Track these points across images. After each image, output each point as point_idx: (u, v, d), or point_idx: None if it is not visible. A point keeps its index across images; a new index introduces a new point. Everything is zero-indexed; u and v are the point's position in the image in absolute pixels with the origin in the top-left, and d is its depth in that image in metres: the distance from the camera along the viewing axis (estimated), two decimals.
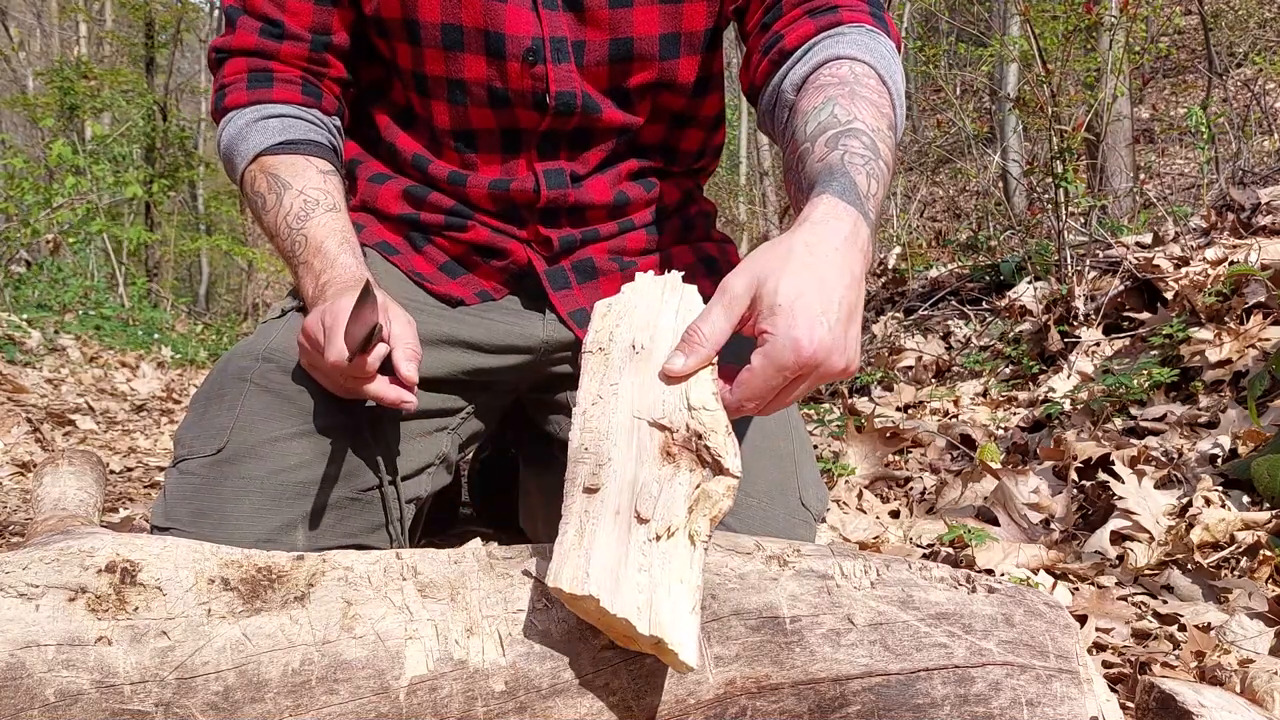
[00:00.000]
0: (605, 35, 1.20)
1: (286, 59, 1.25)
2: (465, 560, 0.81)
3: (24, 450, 3.08)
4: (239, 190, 1.27)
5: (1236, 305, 2.68)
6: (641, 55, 1.21)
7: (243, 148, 1.22)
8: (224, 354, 1.26)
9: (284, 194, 1.18)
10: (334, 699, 0.72)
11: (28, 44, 17.63)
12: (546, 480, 1.41)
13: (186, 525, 1.08)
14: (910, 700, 0.76)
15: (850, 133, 0.97)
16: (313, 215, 1.17)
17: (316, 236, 1.15)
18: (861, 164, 0.94)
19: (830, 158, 0.95)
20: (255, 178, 1.21)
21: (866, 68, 1.06)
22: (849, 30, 1.11)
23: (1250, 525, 1.67)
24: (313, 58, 1.25)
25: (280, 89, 1.25)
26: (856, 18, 1.12)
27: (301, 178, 1.19)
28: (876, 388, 3.56)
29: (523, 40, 1.18)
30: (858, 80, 1.04)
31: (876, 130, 0.98)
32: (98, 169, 8.71)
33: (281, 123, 1.23)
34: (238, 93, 1.24)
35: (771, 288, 0.83)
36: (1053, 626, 0.79)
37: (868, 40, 1.10)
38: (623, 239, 1.30)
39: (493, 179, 1.25)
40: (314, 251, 1.15)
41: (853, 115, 0.99)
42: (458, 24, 1.19)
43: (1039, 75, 3.89)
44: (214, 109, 1.28)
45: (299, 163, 1.21)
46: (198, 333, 8.94)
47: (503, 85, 1.20)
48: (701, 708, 0.76)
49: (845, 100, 1.01)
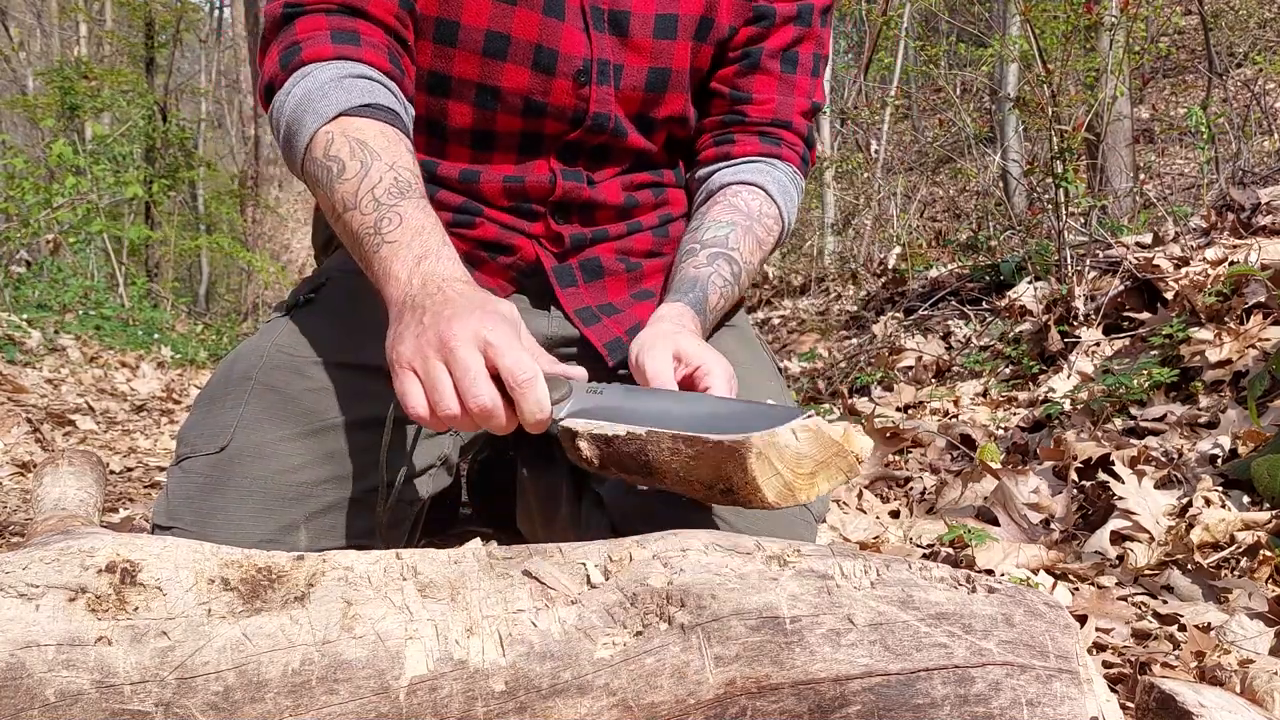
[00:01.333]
0: (645, 63, 1.24)
1: (375, 14, 1.13)
2: (465, 560, 0.81)
3: (24, 450, 3.08)
4: (299, 159, 1.10)
5: (1236, 305, 2.67)
6: (675, 86, 1.28)
7: (321, 105, 1.07)
8: (229, 353, 1.25)
9: (372, 164, 1.04)
10: (334, 699, 0.72)
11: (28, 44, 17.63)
12: (545, 480, 1.41)
13: (189, 525, 1.08)
14: (910, 700, 0.76)
15: (728, 259, 1.25)
16: (408, 195, 1.03)
17: (415, 219, 1.01)
18: (719, 285, 1.22)
19: (700, 272, 1.23)
20: (333, 139, 1.06)
21: (774, 206, 1.32)
22: (781, 166, 1.34)
23: (1250, 525, 1.67)
24: (400, 16, 1.15)
25: (369, 51, 1.11)
26: (790, 157, 1.35)
27: (392, 151, 1.06)
28: (876, 388, 3.56)
29: (575, 60, 1.20)
30: (760, 217, 1.30)
31: (748, 264, 1.27)
32: (98, 169, 8.71)
33: (370, 85, 1.09)
34: (320, 45, 1.10)
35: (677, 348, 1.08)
36: (1053, 626, 0.79)
37: (788, 182, 1.34)
38: (630, 240, 1.32)
39: (507, 174, 1.25)
40: (411, 233, 1.00)
41: (738, 246, 1.26)
42: (505, 33, 1.18)
43: (1039, 75, 3.89)
44: (279, 68, 1.12)
45: (389, 133, 1.07)
46: (198, 333, 8.94)
47: (544, 99, 1.21)
48: (701, 708, 0.76)
49: (741, 231, 1.27)
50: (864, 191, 7.02)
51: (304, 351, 1.18)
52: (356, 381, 1.17)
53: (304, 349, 1.18)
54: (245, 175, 11.88)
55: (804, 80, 1.35)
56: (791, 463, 0.89)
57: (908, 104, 12.99)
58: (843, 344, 4.61)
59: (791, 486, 0.89)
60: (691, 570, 0.79)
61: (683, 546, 0.81)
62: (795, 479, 0.89)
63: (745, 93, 1.33)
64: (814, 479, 0.90)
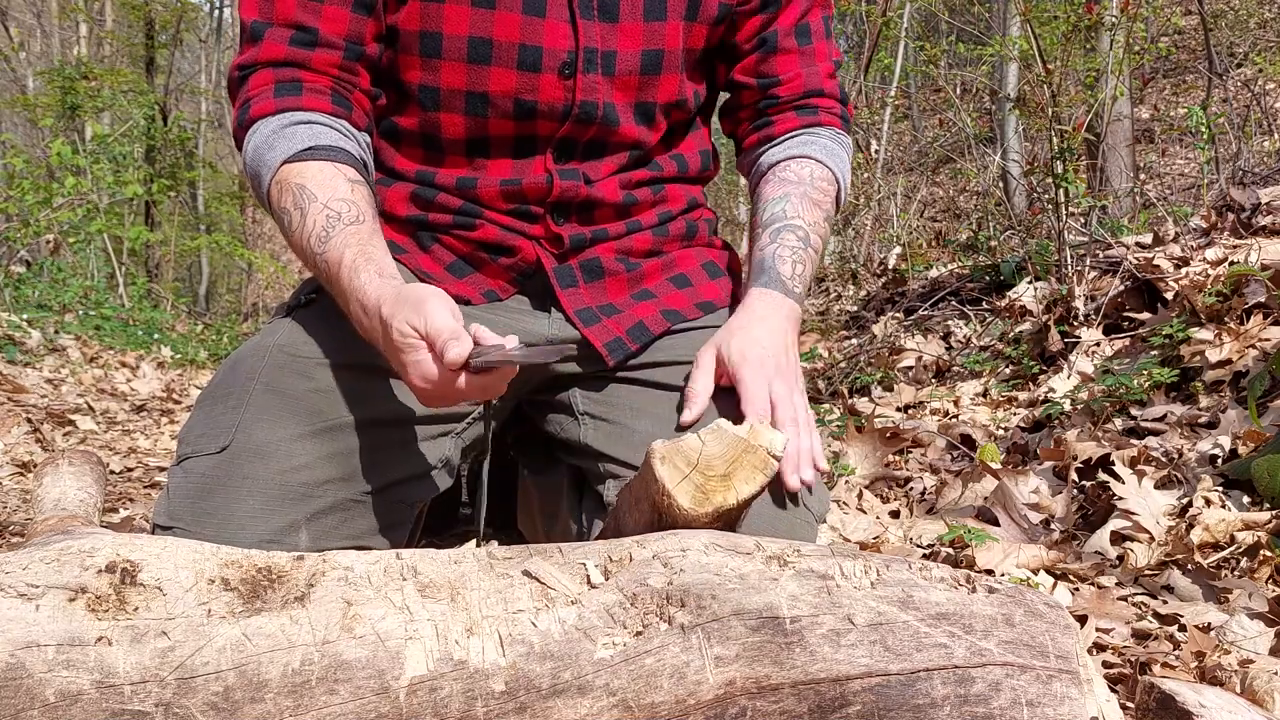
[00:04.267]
0: (638, 46, 1.24)
1: (318, 67, 1.19)
2: (465, 560, 0.81)
3: (24, 450, 3.08)
4: (268, 209, 1.20)
5: (1236, 305, 2.67)
6: (669, 67, 1.27)
7: (268, 156, 1.16)
8: (232, 353, 1.25)
9: (309, 209, 1.12)
10: (334, 699, 0.72)
11: (28, 44, 17.63)
12: (546, 481, 1.41)
13: (190, 524, 1.08)
14: (910, 700, 0.76)
15: (789, 228, 1.29)
16: (333, 234, 1.11)
17: (337, 257, 1.09)
18: (788, 254, 1.28)
19: (766, 251, 1.28)
20: (281, 191, 1.14)
21: (824, 168, 1.34)
22: (822, 132, 1.37)
23: (1250, 525, 1.67)
24: (345, 66, 1.20)
25: (309, 97, 1.18)
26: (830, 121, 1.38)
27: (328, 188, 1.13)
28: (876, 388, 3.56)
29: (560, 54, 1.21)
30: (810, 181, 1.33)
31: (811, 224, 1.31)
32: (98, 169, 8.71)
33: (310, 129, 1.16)
34: (264, 101, 1.18)
35: (726, 348, 1.19)
36: (1053, 627, 0.79)
37: (831, 143, 1.37)
38: (630, 239, 1.32)
39: (504, 178, 1.25)
40: (347, 274, 1.08)
41: (796, 213, 1.30)
42: (488, 38, 1.19)
43: (1039, 75, 3.89)
44: (237, 126, 1.21)
45: (327, 170, 1.14)
46: (198, 333, 8.94)
47: (533, 97, 1.22)
48: (701, 708, 0.76)
49: (796, 199, 1.31)
50: (864, 191, 7.02)
51: (306, 352, 1.18)
52: (359, 382, 1.17)
53: (306, 349, 1.18)
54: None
55: (821, 45, 1.38)
56: (702, 465, 0.89)
57: (908, 104, 13.00)
58: (843, 344, 4.61)
59: (705, 490, 0.89)
60: (691, 570, 0.79)
61: (683, 546, 0.81)
62: (707, 481, 0.89)
63: (772, 77, 1.36)
64: (729, 480, 0.90)
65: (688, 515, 0.89)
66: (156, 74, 16.30)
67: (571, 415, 1.29)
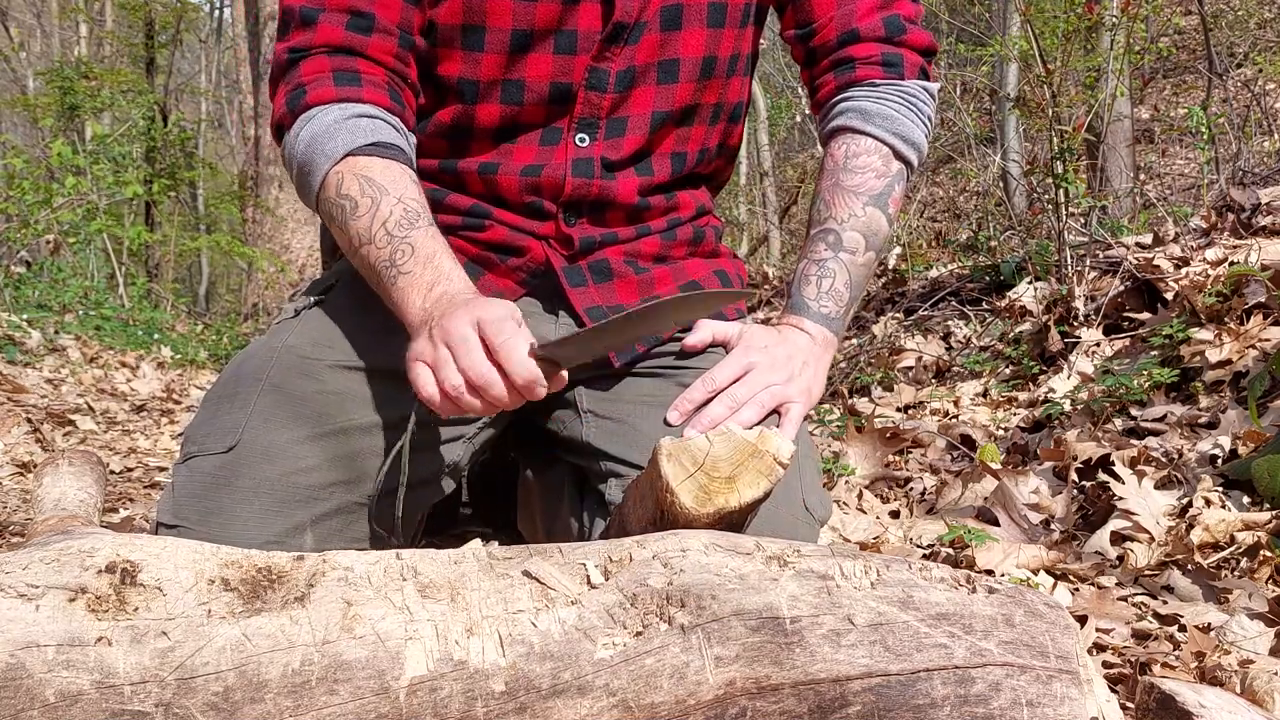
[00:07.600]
0: (660, 3, 1.22)
1: (375, 55, 1.18)
2: (465, 560, 0.81)
3: (24, 450, 3.08)
4: (313, 191, 1.17)
5: (1236, 305, 2.67)
6: (691, 21, 1.24)
7: (329, 146, 1.14)
8: (238, 352, 1.25)
9: (381, 199, 1.11)
10: (334, 699, 0.72)
11: (28, 44, 17.64)
12: (546, 480, 1.41)
13: (194, 524, 1.08)
14: (910, 700, 0.76)
15: (819, 235, 1.26)
16: (417, 225, 1.10)
17: (426, 247, 1.09)
18: (814, 270, 1.25)
19: (796, 268, 1.28)
20: (343, 179, 1.13)
21: (862, 140, 1.26)
22: (857, 93, 1.28)
23: (1250, 526, 1.67)
24: (400, 55, 1.20)
25: (370, 90, 1.17)
26: (868, 74, 1.28)
27: (399, 185, 1.13)
28: (876, 388, 3.56)
29: (594, 35, 1.20)
30: (845, 164, 1.27)
31: (845, 218, 1.25)
32: (97, 169, 8.70)
33: (373, 124, 1.15)
34: (323, 89, 1.16)
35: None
36: (1053, 627, 0.79)
37: (870, 103, 1.27)
38: (638, 244, 1.31)
39: (526, 164, 1.25)
40: (422, 262, 1.08)
41: (829, 211, 1.26)
42: (529, 28, 1.19)
43: (1039, 75, 3.89)
44: (287, 111, 1.18)
45: (394, 168, 1.14)
46: (198, 333, 8.93)
47: (568, 80, 1.22)
48: (701, 708, 0.76)
49: (826, 193, 1.27)
50: None
51: (314, 354, 1.18)
52: (367, 386, 1.17)
53: (314, 351, 1.18)
54: (245, 175, 11.88)
55: None
56: (708, 466, 0.90)
57: None
58: (843, 344, 4.61)
59: (708, 490, 0.90)
60: (691, 570, 0.79)
61: (683, 547, 0.82)
62: (711, 482, 0.90)
63: (807, 25, 1.30)
64: (733, 483, 0.90)
65: (689, 514, 0.89)
66: (156, 74, 16.30)
67: (575, 413, 1.29)
